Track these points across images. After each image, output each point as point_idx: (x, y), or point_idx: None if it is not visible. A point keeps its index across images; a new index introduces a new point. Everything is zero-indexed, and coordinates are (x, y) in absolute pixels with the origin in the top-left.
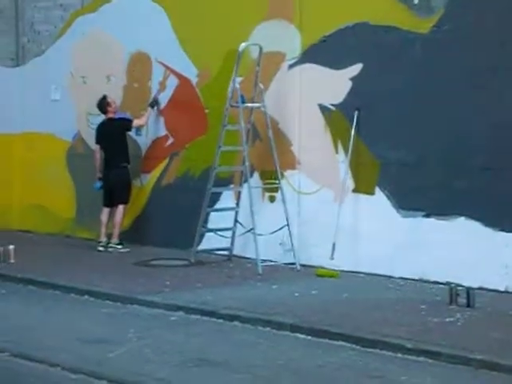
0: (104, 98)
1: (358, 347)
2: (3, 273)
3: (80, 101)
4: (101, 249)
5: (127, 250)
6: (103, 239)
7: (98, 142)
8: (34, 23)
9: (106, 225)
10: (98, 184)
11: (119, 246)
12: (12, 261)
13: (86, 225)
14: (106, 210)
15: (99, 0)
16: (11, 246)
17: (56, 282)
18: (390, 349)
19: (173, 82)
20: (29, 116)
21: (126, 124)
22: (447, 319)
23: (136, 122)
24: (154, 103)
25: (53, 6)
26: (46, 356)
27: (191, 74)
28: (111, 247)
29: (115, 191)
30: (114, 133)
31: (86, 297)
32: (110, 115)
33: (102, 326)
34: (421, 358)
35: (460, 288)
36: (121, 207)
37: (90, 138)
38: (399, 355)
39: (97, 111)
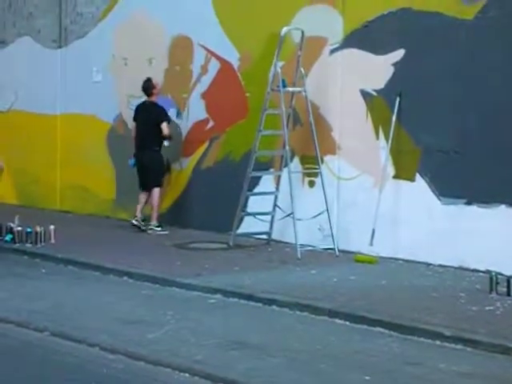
0: (149, 80)
1: (395, 334)
2: (44, 252)
3: (121, 83)
4: (134, 222)
5: (166, 232)
6: (138, 214)
7: (135, 120)
8: (76, 5)
9: (142, 204)
10: (132, 161)
11: (158, 229)
12: (52, 241)
13: (126, 206)
14: (143, 193)
15: None
16: (52, 226)
17: (96, 263)
18: (429, 336)
19: (214, 65)
20: (71, 97)
21: (162, 117)
22: (487, 308)
23: (166, 130)
24: (168, 138)
25: None
26: (84, 336)
27: (233, 57)
28: (150, 229)
29: (148, 174)
30: (151, 118)
31: (125, 278)
32: (153, 98)
33: (140, 308)
34: (459, 346)
35: (500, 276)
36: (156, 190)
37: (131, 120)
38: (437, 342)
39: (138, 93)
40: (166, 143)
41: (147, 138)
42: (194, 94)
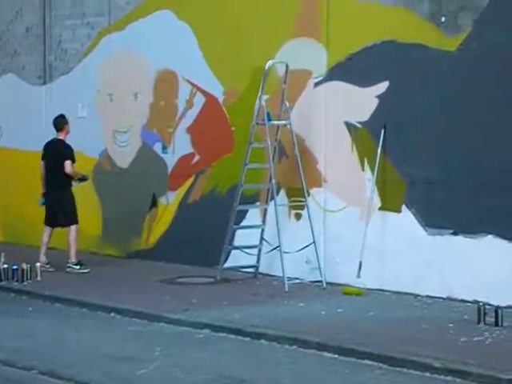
0: (62, 116)
1: (385, 366)
2: (30, 290)
3: (107, 118)
4: (42, 268)
5: (87, 270)
6: (42, 258)
7: (43, 158)
8: (61, 41)
9: (45, 246)
10: (42, 200)
11: (77, 267)
12: (39, 278)
13: (112, 242)
14: (45, 232)
15: (126, 18)
16: (38, 264)
17: (83, 300)
18: (418, 368)
19: (199, 99)
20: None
21: (66, 155)
22: (475, 338)
23: (68, 168)
24: (78, 179)
25: (80, 24)
26: (73, 374)
27: (217, 91)
28: (69, 267)
29: (59, 213)
30: (57, 156)
31: (113, 314)
32: (62, 136)
33: (129, 344)
34: (449, 378)
35: (488, 307)
36: (73, 228)
37: (117, 156)
38: (427, 374)
39: (124, 128)
40: (74, 183)
41: (55, 176)
42: (179, 129)
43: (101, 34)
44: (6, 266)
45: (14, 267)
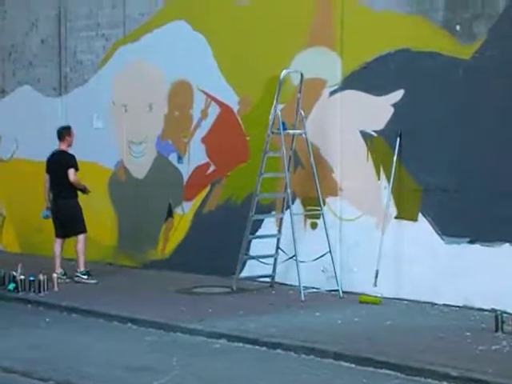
0: (68, 127)
1: (402, 375)
2: (47, 301)
3: (122, 129)
4: (59, 280)
5: (94, 281)
6: (57, 270)
7: (47, 171)
8: (76, 53)
9: (59, 258)
10: (45, 213)
11: (85, 277)
12: (56, 289)
13: (128, 252)
14: (57, 244)
15: (141, 30)
16: (54, 274)
17: (99, 310)
18: (436, 377)
19: (214, 109)
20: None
21: (69, 163)
22: (493, 347)
23: (72, 176)
24: (81, 190)
25: (95, 35)
26: None
27: (232, 101)
28: (77, 276)
29: (67, 223)
30: (60, 166)
31: (129, 325)
32: (64, 146)
33: (145, 354)
34: None
35: (506, 315)
36: (81, 237)
37: (133, 166)
38: (444, 383)
39: (139, 139)
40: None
41: (60, 186)
42: (194, 139)
43: (116, 46)
44: (23, 277)
45: (31, 278)
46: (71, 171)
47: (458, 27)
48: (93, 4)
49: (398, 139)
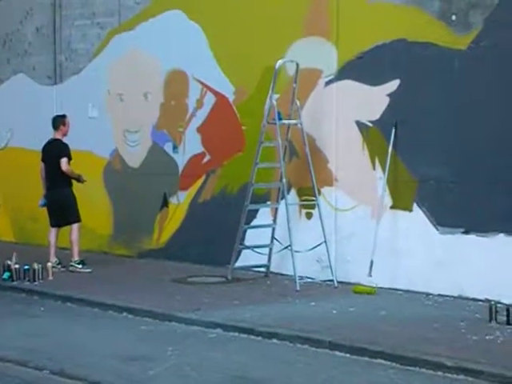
0: (63, 116)
1: (397, 365)
2: (42, 290)
3: (117, 118)
4: (54, 269)
5: (89, 270)
6: (52, 259)
7: (43, 160)
8: (71, 41)
9: (54, 247)
10: (42, 201)
11: (79, 266)
12: (50, 278)
13: (123, 241)
14: (52, 233)
15: (136, 18)
16: (49, 263)
17: (94, 300)
18: (430, 367)
19: (210, 99)
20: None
21: (62, 152)
22: (487, 337)
23: (64, 165)
24: (78, 179)
25: (90, 24)
26: (85, 374)
27: (228, 91)
28: (71, 265)
29: (61, 212)
30: (53, 154)
31: (125, 314)
32: (58, 135)
33: (141, 344)
34: (461, 377)
35: (500, 305)
36: (75, 226)
37: (128, 155)
38: (439, 373)
39: (134, 128)
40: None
41: (54, 175)
42: (190, 128)
43: (110, 34)
44: (17, 266)
45: (26, 267)
46: (63, 160)
47: (453, 17)
48: None
49: (394, 129)
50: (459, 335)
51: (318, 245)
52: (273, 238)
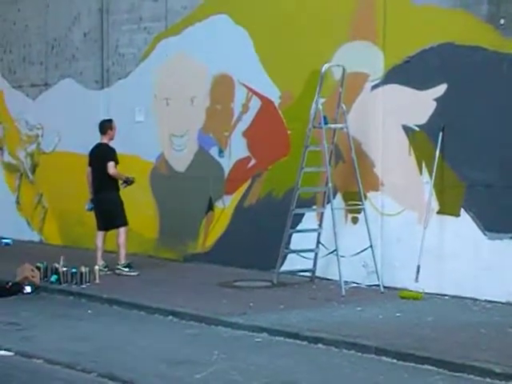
0: (109, 120)
1: (444, 371)
2: (89, 293)
3: (163, 122)
4: (101, 272)
5: (136, 273)
6: (99, 262)
7: (90, 164)
8: (118, 46)
9: (101, 250)
10: (89, 205)
11: (126, 269)
12: (97, 281)
13: (169, 245)
14: (99, 237)
15: (183, 23)
16: (96, 267)
17: (141, 303)
18: (478, 373)
19: (255, 103)
20: (115, 137)
21: (108, 156)
22: None
23: (111, 169)
24: (128, 182)
25: (137, 29)
26: (132, 377)
27: (274, 95)
28: (118, 269)
29: (107, 216)
30: (100, 159)
31: (171, 317)
32: (105, 139)
33: (186, 347)
34: None
35: None
36: (122, 229)
37: (174, 160)
38: (487, 380)
39: (180, 132)
40: (122, 186)
41: (101, 179)
42: (235, 132)
43: (157, 39)
44: (65, 269)
45: (73, 270)
46: (110, 164)
47: (502, 21)
48: None
49: (441, 134)
50: (508, 341)
51: (364, 249)
52: (318, 242)
